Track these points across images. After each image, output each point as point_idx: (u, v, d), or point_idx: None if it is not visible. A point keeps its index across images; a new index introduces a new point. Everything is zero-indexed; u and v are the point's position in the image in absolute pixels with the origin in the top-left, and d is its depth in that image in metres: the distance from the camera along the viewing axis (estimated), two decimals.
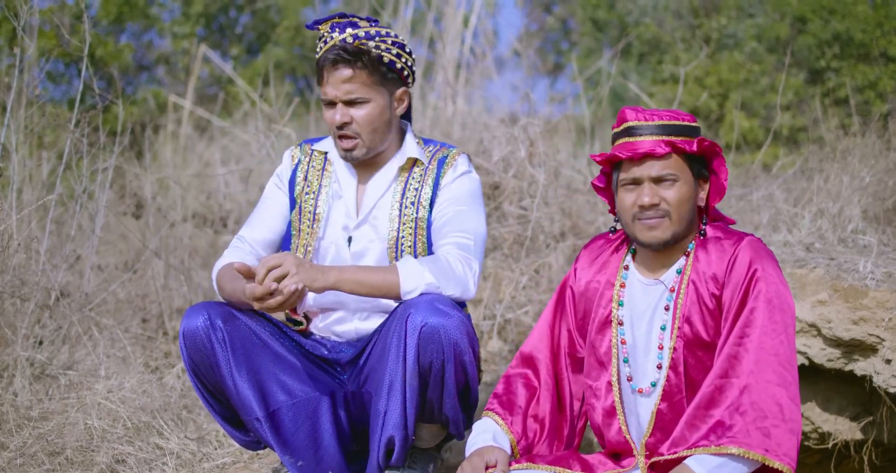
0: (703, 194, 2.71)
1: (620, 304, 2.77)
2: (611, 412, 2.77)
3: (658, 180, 2.64)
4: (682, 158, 2.66)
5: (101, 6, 9.24)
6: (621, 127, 2.68)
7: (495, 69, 7.70)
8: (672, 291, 2.67)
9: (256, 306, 2.85)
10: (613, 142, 2.71)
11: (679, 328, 2.65)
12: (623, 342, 2.75)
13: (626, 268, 2.79)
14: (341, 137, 3.11)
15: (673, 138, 2.63)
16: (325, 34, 3.06)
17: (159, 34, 10.41)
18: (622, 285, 2.78)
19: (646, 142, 2.63)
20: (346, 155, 3.13)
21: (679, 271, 2.68)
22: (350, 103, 3.07)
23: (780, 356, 2.52)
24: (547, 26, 13.17)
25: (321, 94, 3.12)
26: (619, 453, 2.80)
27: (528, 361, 2.93)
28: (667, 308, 2.68)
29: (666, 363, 2.67)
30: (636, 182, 2.66)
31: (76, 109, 4.69)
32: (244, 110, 7.91)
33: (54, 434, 3.64)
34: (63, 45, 6.23)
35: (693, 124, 2.67)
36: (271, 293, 2.82)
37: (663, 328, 2.68)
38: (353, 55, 3.02)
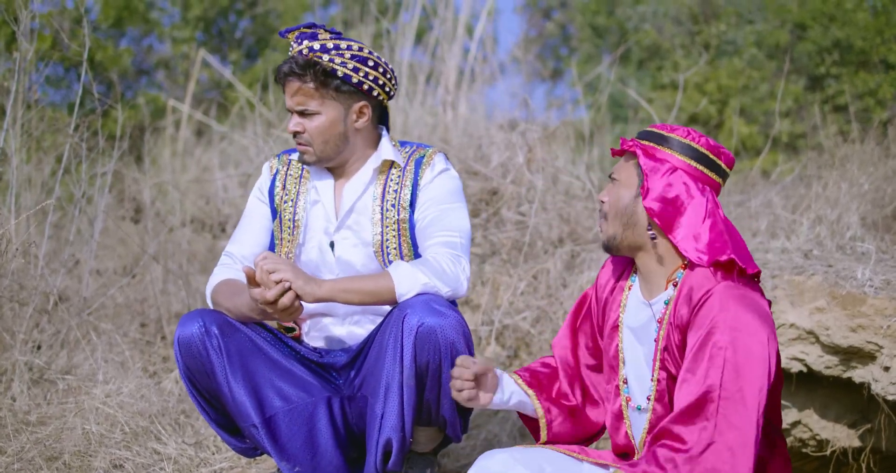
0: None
1: (624, 306, 2.76)
2: (618, 416, 2.77)
3: (611, 178, 2.70)
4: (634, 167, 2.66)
5: (101, 10, 9.24)
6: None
7: (494, 75, 7.70)
8: (659, 322, 2.65)
9: (269, 309, 2.85)
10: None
11: (661, 360, 2.63)
12: (620, 341, 2.75)
13: (630, 287, 2.79)
14: (297, 142, 3.15)
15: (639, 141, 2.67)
16: (292, 44, 3.09)
17: (159, 39, 10.42)
18: (626, 298, 2.78)
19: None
20: (300, 158, 3.18)
21: (667, 302, 2.63)
22: (302, 114, 3.11)
23: (733, 411, 2.40)
24: (546, 32, 13.19)
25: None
26: (626, 454, 2.81)
27: (553, 348, 2.97)
28: (655, 340, 2.65)
29: (652, 394, 2.66)
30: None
31: (75, 114, 4.69)
32: (241, 113, 7.91)
33: (52, 439, 3.64)
34: (62, 49, 6.23)
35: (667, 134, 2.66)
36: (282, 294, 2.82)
37: (649, 361, 2.68)
38: (303, 68, 3.04)
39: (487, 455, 2.70)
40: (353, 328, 3.24)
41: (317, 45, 3.04)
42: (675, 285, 2.62)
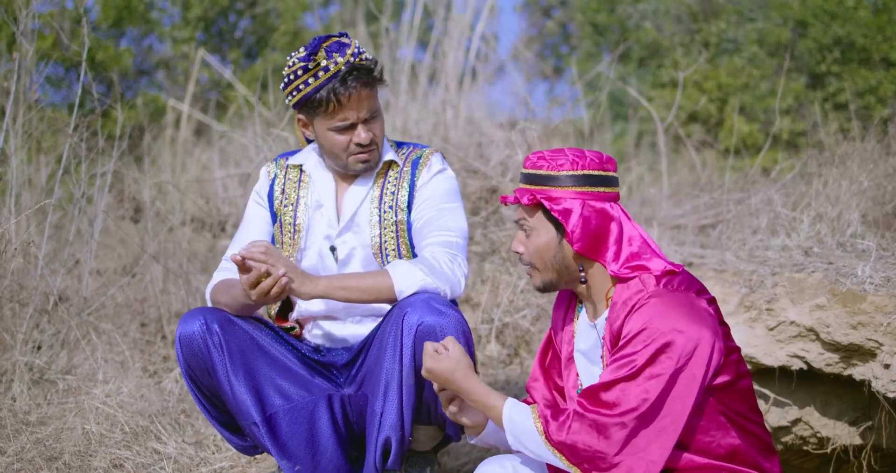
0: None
1: (575, 335, 2.77)
2: None
3: (520, 226, 2.68)
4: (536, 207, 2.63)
5: (101, 10, 9.25)
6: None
7: (495, 74, 7.70)
8: (603, 339, 2.65)
9: (253, 294, 2.84)
10: None
11: None
12: (578, 375, 2.76)
13: (578, 316, 2.79)
14: (361, 153, 3.10)
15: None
16: (324, 61, 2.99)
17: (159, 39, 10.43)
18: (576, 326, 2.78)
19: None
20: (365, 166, 3.13)
21: (607, 319, 2.63)
22: (368, 120, 3.07)
23: (643, 404, 2.42)
24: (546, 30, 13.19)
25: (337, 120, 3.04)
26: None
27: (528, 391, 2.96)
28: (602, 357, 2.65)
29: None
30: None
31: (75, 114, 4.69)
32: (241, 113, 7.90)
33: (52, 439, 3.64)
34: (63, 50, 6.23)
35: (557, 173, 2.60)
36: (266, 275, 2.82)
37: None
38: (368, 74, 3.03)
39: (492, 461, 2.71)
40: (354, 327, 3.23)
41: (355, 50, 3.04)
42: (610, 300, 2.63)
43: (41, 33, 6.14)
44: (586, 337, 2.73)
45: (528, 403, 2.91)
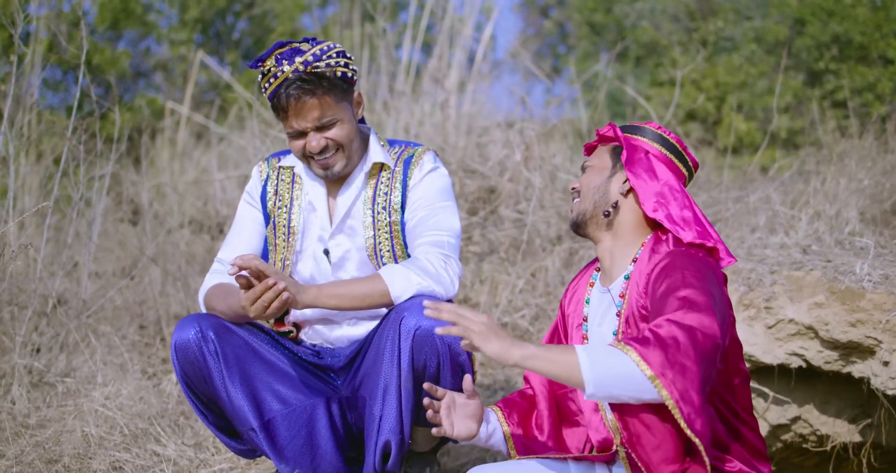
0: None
1: (587, 301, 2.78)
2: (595, 409, 2.76)
3: (583, 168, 2.81)
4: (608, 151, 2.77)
5: (98, 13, 9.24)
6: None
7: (492, 73, 7.70)
8: (622, 297, 2.66)
9: (252, 311, 2.83)
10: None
11: (623, 331, 2.64)
12: (585, 338, 2.75)
13: (592, 284, 2.80)
14: (321, 159, 3.08)
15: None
16: (272, 68, 3.00)
17: (157, 41, 10.43)
18: (589, 293, 2.80)
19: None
20: (327, 174, 3.11)
21: (627, 277, 2.66)
22: (321, 128, 3.04)
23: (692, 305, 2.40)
24: (544, 30, 13.20)
25: (285, 127, 3.07)
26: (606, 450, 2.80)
27: (525, 378, 2.96)
28: (618, 314, 2.66)
29: None
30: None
31: (73, 116, 4.69)
32: (240, 115, 7.91)
33: (51, 442, 3.64)
34: (60, 53, 6.23)
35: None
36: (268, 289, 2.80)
37: (615, 334, 2.68)
38: (312, 83, 2.98)
39: (479, 469, 2.71)
40: (351, 330, 3.23)
41: (309, 58, 2.99)
42: (634, 262, 2.67)
43: (38, 37, 6.14)
44: (599, 304, 2.74)
45: (525, 391, 2.91)
